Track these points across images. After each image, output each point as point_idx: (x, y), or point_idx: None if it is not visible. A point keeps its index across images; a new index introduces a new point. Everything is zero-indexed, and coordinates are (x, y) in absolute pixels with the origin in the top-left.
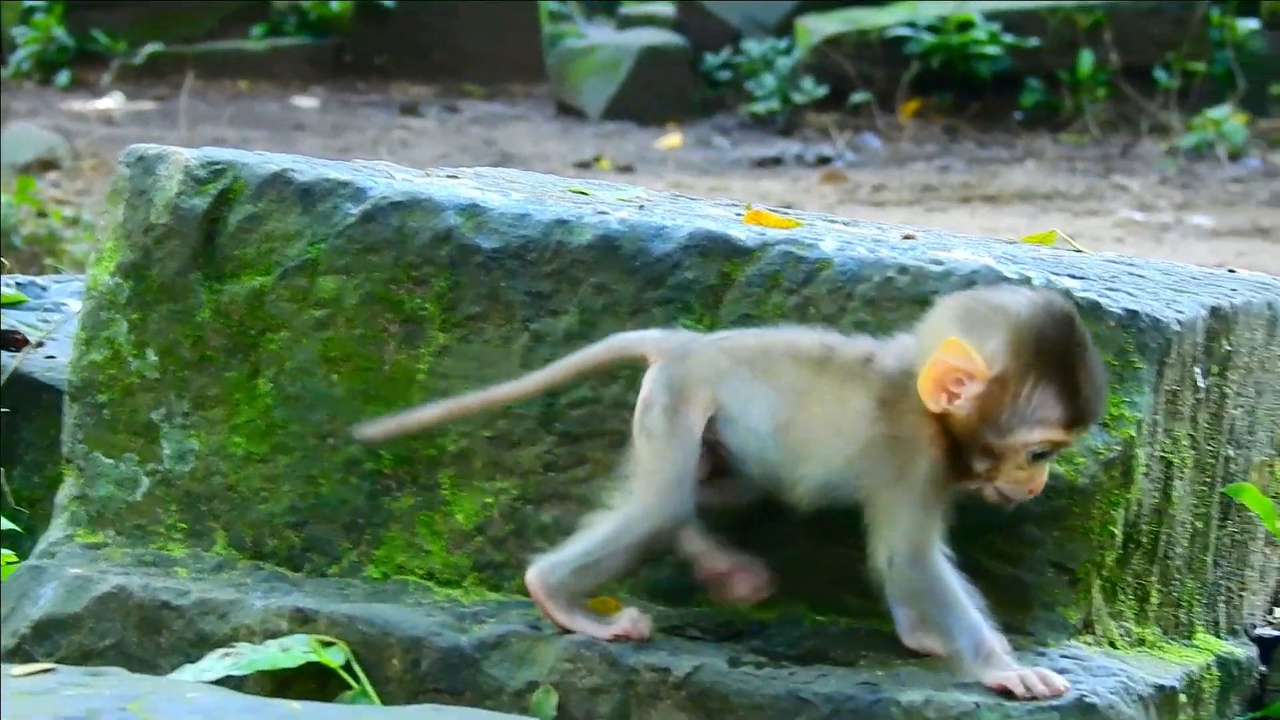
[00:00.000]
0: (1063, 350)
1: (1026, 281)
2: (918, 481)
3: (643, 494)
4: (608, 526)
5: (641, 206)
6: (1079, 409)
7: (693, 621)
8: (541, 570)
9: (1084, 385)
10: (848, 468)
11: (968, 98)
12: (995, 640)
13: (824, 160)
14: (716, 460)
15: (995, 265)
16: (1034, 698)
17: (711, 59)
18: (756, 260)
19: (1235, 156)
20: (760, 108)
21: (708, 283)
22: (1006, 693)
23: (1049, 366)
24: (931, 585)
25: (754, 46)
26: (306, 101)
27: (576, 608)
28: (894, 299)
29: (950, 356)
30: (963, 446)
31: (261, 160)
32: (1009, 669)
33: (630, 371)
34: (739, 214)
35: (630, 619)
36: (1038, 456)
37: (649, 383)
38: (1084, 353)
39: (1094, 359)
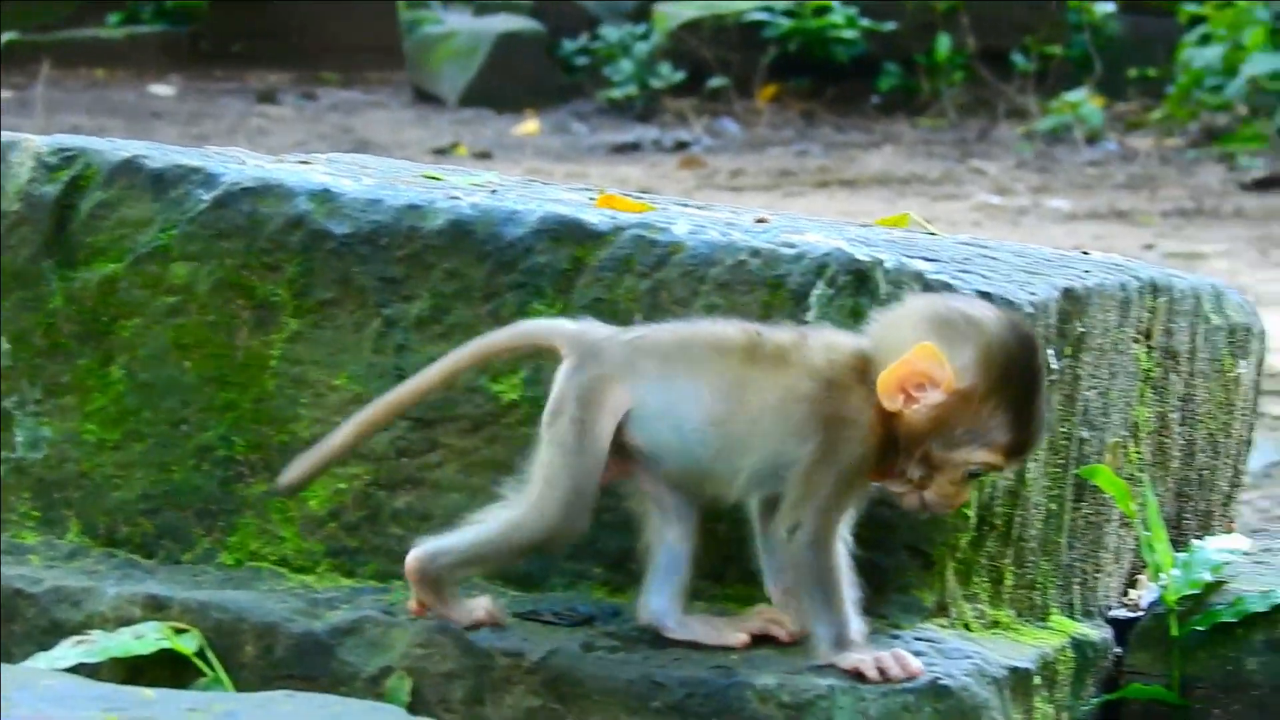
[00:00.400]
0: (1025, 377)
1: (986, 296)
2: (844, 463)
3: (541, 501)
4: (499, 525)
5: (494, 191)
6: (1025, 439)
7: (547, 606)
8: (422, 556)
9: (1035, 416)
10: (786, 452)
11: (825, 82)
12: (857, 633)
13: (682, 145)
14: (622, 463)
15: (848, 248)
16: (888, 680)
17: (569, 45)
18: (609, 244)
19: (1092, 140)
20: (618, 93)
21: (560, 267)
22: (859, 676)
23: (1010, 391)
24: (820, 568)
25: (611, 32)
26: (163, 89)
27: (446, 594)
28: (746, 282)
29: (922, 361)
30: (901, 449)
31: (113, 147)
32: (863, 653)
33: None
34: (592, 198)
35: (484, 608)
36: (971, 475)
37: (560, 384)
38: (1040, 384)
39: (1045, 389)
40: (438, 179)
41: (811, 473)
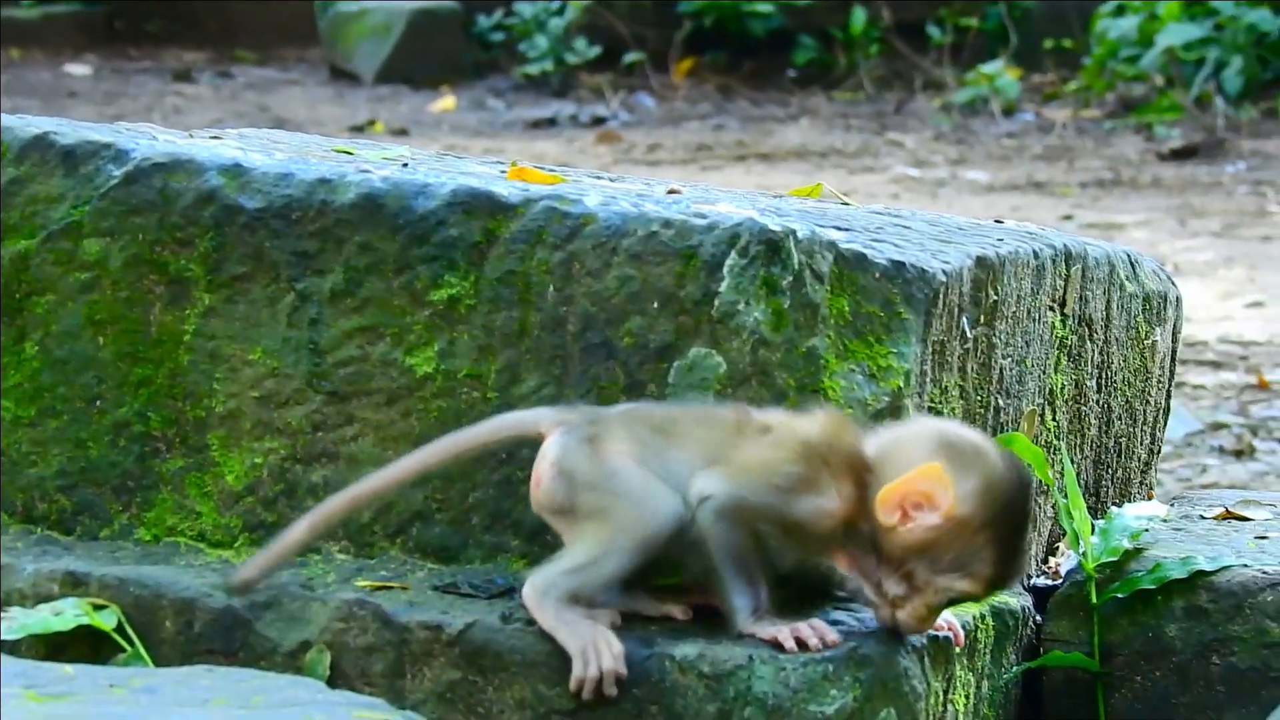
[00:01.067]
0: (1018, 516)
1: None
2: (789, 509)
3: (621, 522)
4: (601, 549)
5: (405, 165)
6: (1006, 576)
7: (465, 578)
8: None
9: (1019, 555)
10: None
11: (741, 56)
12: (771, 607)
13: (598, 121)
14: None
15: (760, 218)
16: (805, 649)
17: (484, 21)
18: (520, 216)
19: (1009, 111)
20: (534, 69)
21: (472, 240)
22: (778, 646)
23: (1002, 528)
24: (730, 540)
25: (526, 8)
26: (79, 69)
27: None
28: (659, 253)
29: (927, 481)
30: (883, 563)
31: (23, 123)
32: (780, 623)
33: (397, 329)
34: (504, 171)
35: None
36: (949, 602)
37: (554, 448)
38: (1030, 525)
39: (1031, 532)
40: (350, 153)
41: (756, 480)
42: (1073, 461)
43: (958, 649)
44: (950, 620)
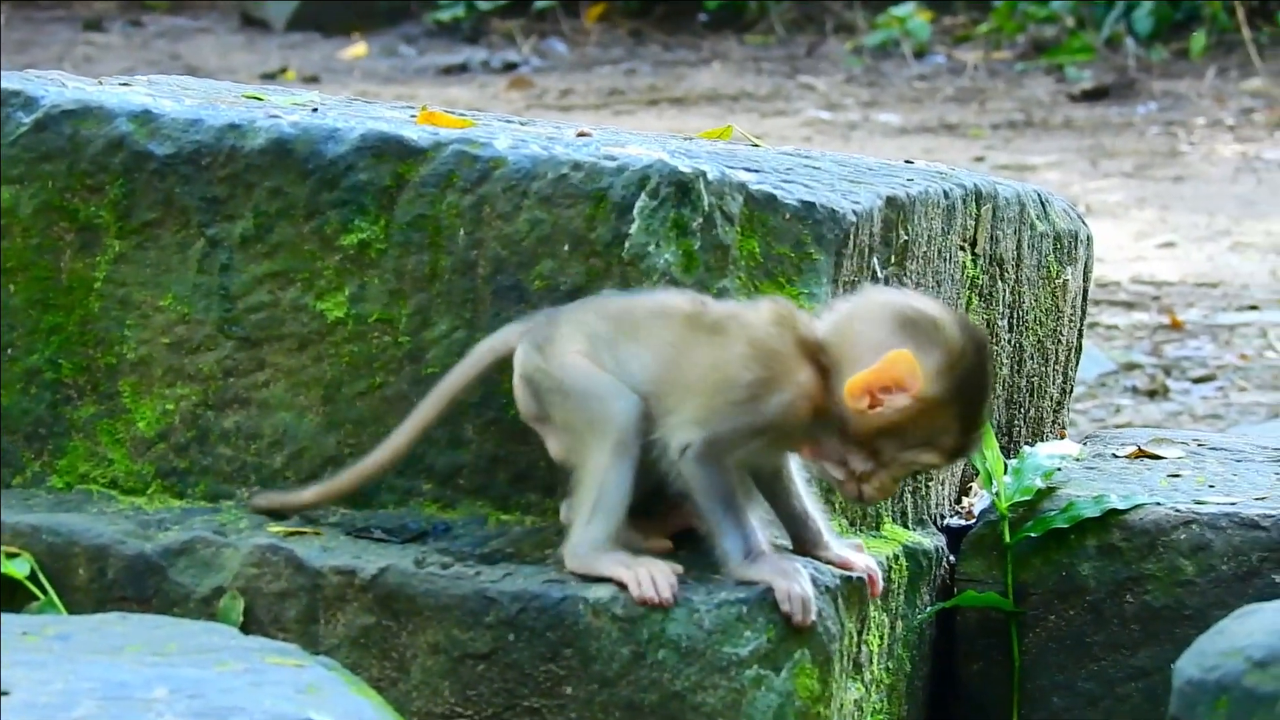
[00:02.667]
0: (977, 384)
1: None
2: (759, 418)
3: (592, 434)
4: (593, 482)
5: (315, 110)
6: (968, 443)
7: (378, 523)
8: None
9: (980, 423)
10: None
11: (652, 1)
12: (765, 544)
13: (510, 66)
14: None
15: (670, 160)
16: (790, 600)
17: None
18: (430, 160)
19: (920, 54)
20: (445, 15)
21: (382, 184)
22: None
23: (965, 398)
24: (714, 482)
25: None
26: None
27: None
28: (569, 196)
29: (897, 368)
30: (848, 441)
31: None
32: (773, 566)
33: (308, 274)
34: (413, 116)
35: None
36: (913, 473)
37: (517, 360)
38: (989, 390)
39: (991, 395)
40: (260, 99)
41: (722, 406)
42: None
43: (875, 596)
44: (871, 568)
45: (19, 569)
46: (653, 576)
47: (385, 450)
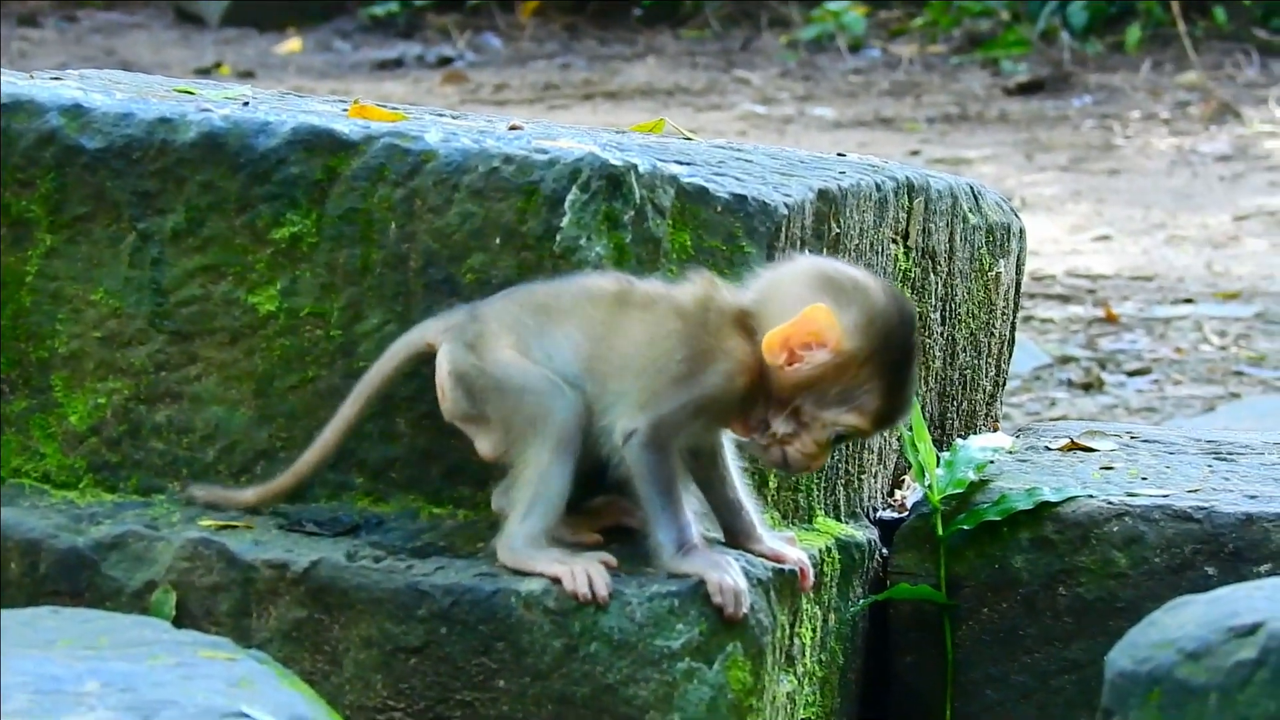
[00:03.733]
0: (903, 348)
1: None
2: (700, 392)
3: (533, 432)
4: (532, 477)
5: (247, 104)
6: (893, 409)
7: (310, 517)
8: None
9: (906, 389)
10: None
11: None
12: (699, 538)
13: (445, 61)
14: None
15: (601, 153)
16: (722, 593)
17: None
18: (361, 154)
19: (855, 48)
20: (379, 10)
21: (313, 177)
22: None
23: (887, 359)
24: (657, 471)
25: None
26: None
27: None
28: (500, 189)
29: (814, 321)
30: (771, 403)
31: None
32: (705, 559)
33: (239, 268)
34: (345, 109)
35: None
36: (836, 438)
37: (444, 358)
38: (914, 359)
39: (917, 366)
40: (191, 93)
41: (662, 388)
42: (917, 394)
43: (806, 589)
44: (802, 560)
45: None
46: (588, 574)
47: (316, 450)
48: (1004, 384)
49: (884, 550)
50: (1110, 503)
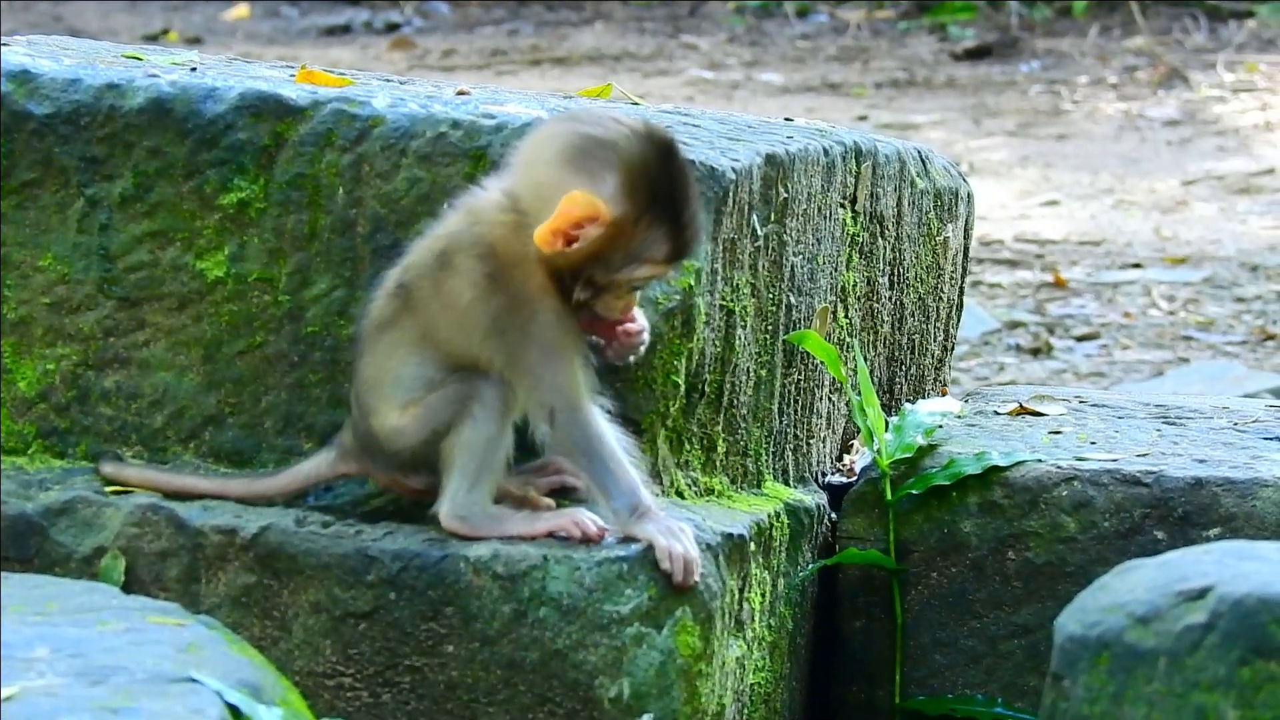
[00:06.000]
0: (669, 188)
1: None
2: (547, 335)
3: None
4: (474, 447)
5: (194, 69)
6: (683, 245)
7: None
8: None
9: (688, 222)
10: (493, 358)
11: None
12: (651, 499)
13: (393, 27)
14: None
15: (548, 118)
16: (670, 557)
17: None
18: (309, 119)
19: (803, 13)
20: None
21: (261, 143)
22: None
23: (659, 206)
24: (590, 436)
25: None
26: None
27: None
28: (448, 154)
29: (574, 208)
30: (566, 281)
31: None
32: (658, 524)
33: (187, 233)
34: (292, 75)
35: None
36: (635, 288)
37: (378, 472)
38: (687, 187)
39: (693, 190)
40: (139, 59)
41: (528, 361)
42: (866, 359)
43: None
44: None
45: None
46: (574, 520)
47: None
48: (952, 349)
49: (833, 515)
50: (1059, 467)
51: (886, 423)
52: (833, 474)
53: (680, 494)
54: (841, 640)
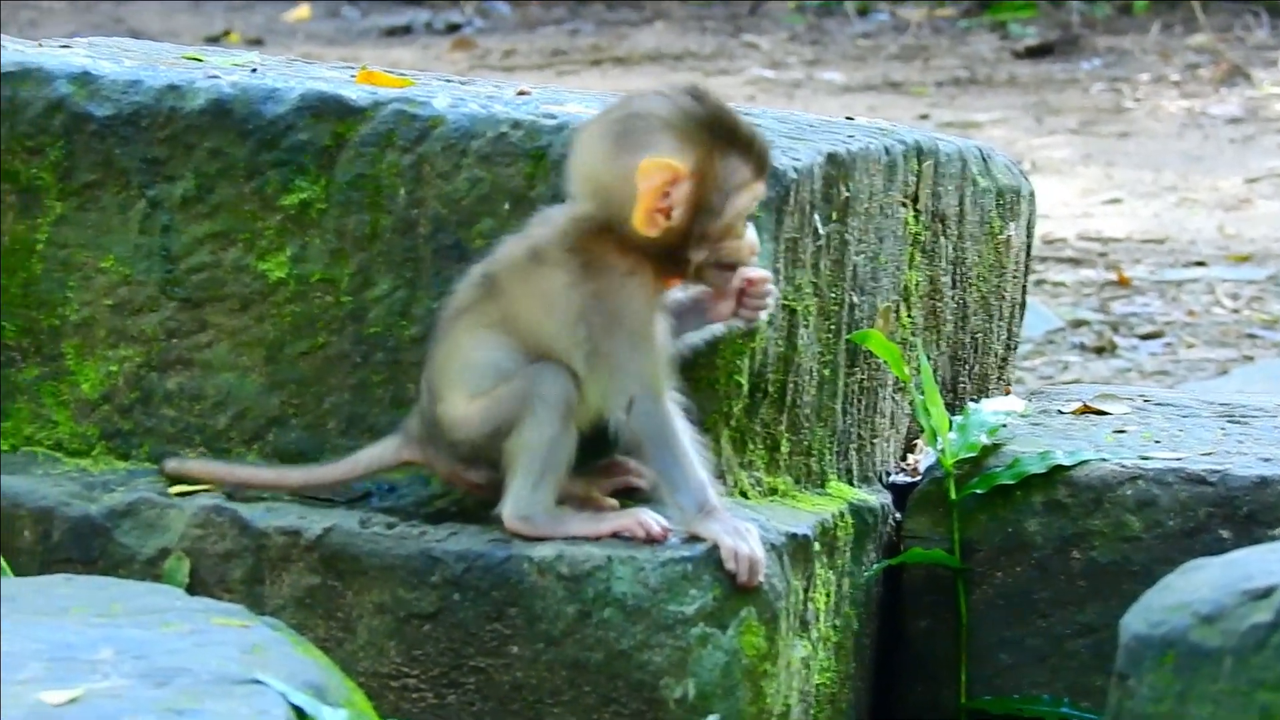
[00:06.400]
0: (719, 119)
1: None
2: (634, 324)
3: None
4: (537, 447)
5: (255, 70)
6: (758, 157)
7: None
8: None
9: (750, 137)
10: (578, 345)
11: None
12: (717, 499)
13: (453, 27)
14: None
15: None
16: (736, 559)
17: None
18: (369, 119)
19: (864, 12)
20: None
21: (321, 144)
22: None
23: (720, 138)
24: (666, 434)
25: None
26: None
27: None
28: (508, 154)
29: (652, 177)
30: (674, 252)
31: None
32: (724, 523)
33: (249, 234)
34: (353, 76)
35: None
36: (747, 220)
37: (439, 464)
38: (730, 112)
39: (734, 112)
40: (199, 60)
41: (611, 348)
42: (929, 358)
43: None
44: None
45: None
46: (637, 519)
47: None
48: (1016, 347)
49: (897, 514)
50: (1124, 466)
51: (950, 422)
52: (897, 473)
53: (744, 494)
54: (906, 640)
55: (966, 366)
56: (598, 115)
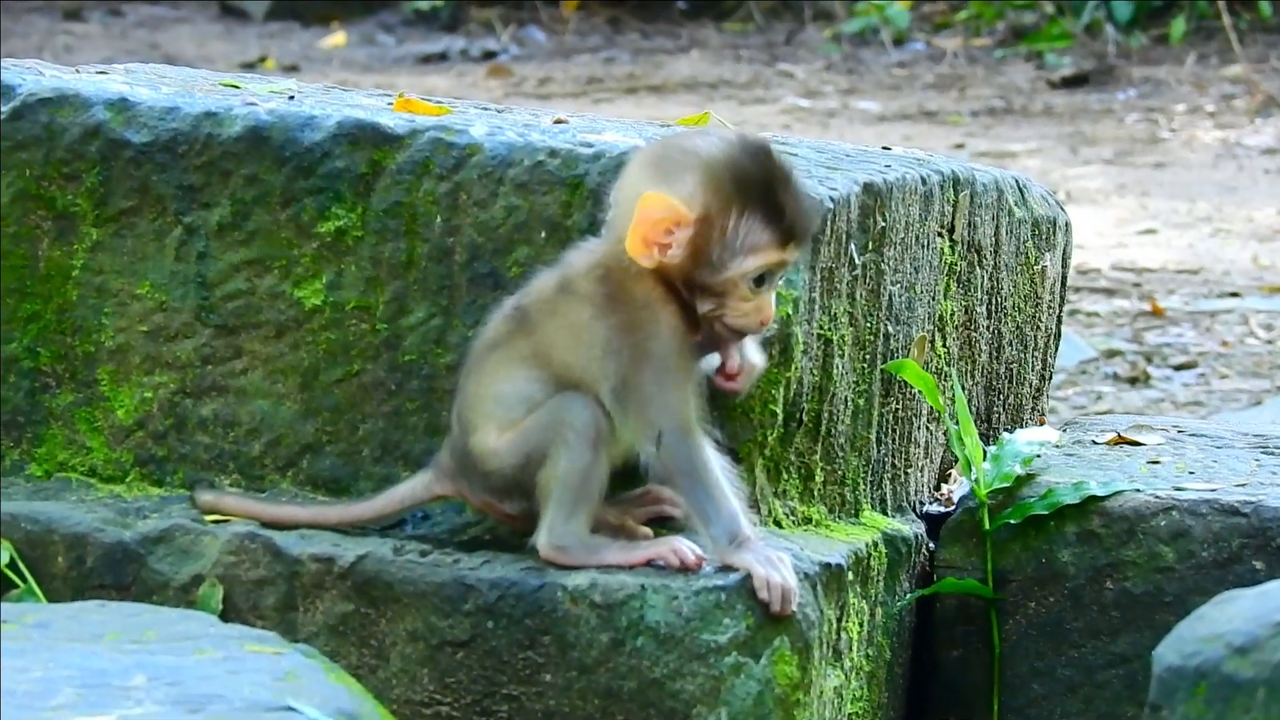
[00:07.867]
0: (760, 178)
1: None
2: (663, 356)
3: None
4: (571, 477)
5: (291, 98)
6: (787, 227)
7: None
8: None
9: (788, 205)
10: (606, 378)
11: None
12: (750, 528)
13: (489, 55)
14: None
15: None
16: (769, 588)
17: None
18: (406, 147)
19: (899, 41)
20: (424, 4)
21: (358, 171)
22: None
23: (749, 195)
24: (696, 466)
25: None
26: None
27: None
28: (545, 182)
29: (650, 210)
30: (686, 295)
31: None
32: (756, 553)
33: (285, 261)
34: (390, 103)
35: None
36: (759, 283)
37: (473, 494)
38: (783, 176)
39: (795, 180)
40: (236, 87)
41: (639, 380)
42: (963, 388)
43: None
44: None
45: None
46: (672, 548)
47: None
48: (1050, 378)
49: (930, 544)
50: (1157, 496)
51: (984, 452)
52: (930, 503)
53: (778, 523)
54: (939, 670)
55: (1001, 397)
56: (664, 139)
